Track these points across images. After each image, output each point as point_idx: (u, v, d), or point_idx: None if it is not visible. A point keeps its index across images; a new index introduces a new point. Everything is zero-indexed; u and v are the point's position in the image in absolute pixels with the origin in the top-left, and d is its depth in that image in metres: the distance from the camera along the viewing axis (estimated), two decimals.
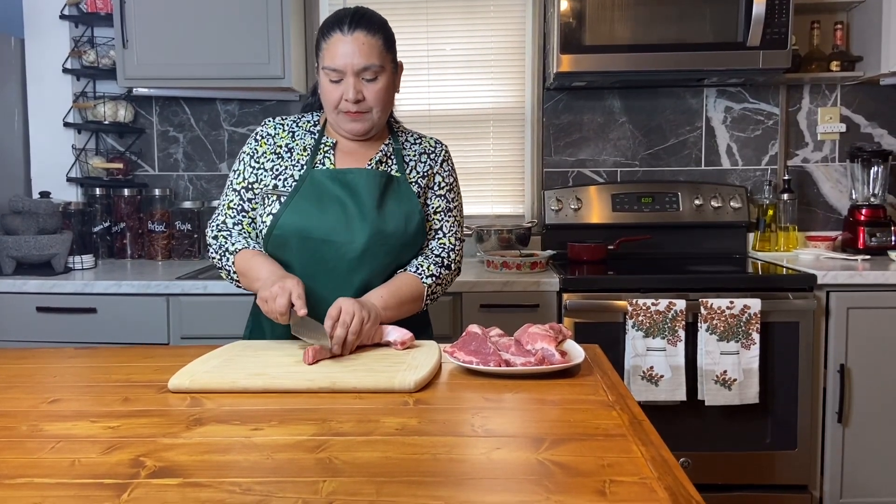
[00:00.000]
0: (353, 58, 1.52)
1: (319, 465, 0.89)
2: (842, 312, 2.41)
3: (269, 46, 2.68)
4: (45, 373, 1.35)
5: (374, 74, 1.55)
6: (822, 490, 2.47)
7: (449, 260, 1.66)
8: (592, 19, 2.61)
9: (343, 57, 1.52)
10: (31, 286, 2.46)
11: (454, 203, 1.70)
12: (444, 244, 1.66)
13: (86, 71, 2.96)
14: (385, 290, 1.54)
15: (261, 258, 1.56)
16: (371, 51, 1.53)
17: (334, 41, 1.53)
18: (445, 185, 1.68)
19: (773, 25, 2.57)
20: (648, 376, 2.33)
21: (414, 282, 1.59)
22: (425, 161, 1.67)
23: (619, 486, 0.82)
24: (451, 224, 1.68)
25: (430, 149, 1.69)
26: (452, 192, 1.70)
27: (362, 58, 1.52)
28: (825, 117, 3.03)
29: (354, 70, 1.53)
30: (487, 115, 3.11)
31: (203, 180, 3.13)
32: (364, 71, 1.53)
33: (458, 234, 1.69)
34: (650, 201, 2.96)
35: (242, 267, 1.57)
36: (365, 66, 1.53)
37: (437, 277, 1.62)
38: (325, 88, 1.57)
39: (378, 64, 1.55)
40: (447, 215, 1.68)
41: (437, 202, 1.67)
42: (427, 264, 1.62)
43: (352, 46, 1.52)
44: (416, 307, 1.61)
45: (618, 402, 1.12)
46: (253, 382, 1.21)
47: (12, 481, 0.85)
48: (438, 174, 1.68)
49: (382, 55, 1.56)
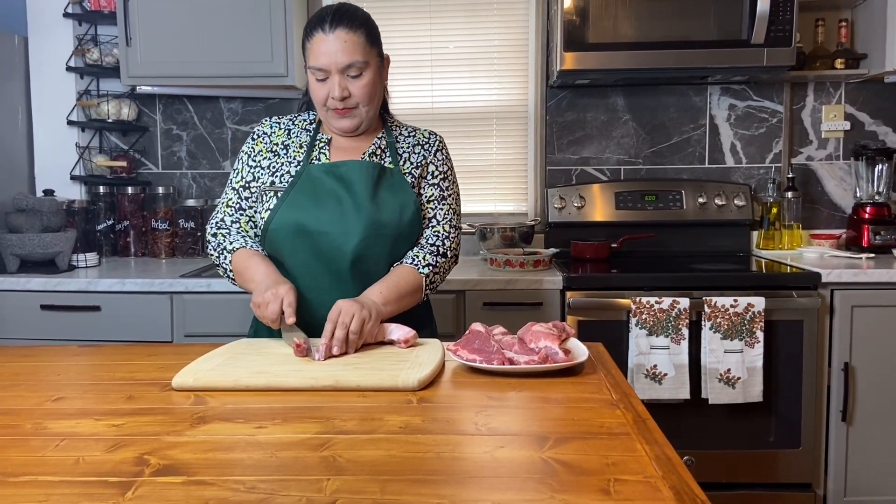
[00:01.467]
0: (335, 56, 1.53)
1: (323, 463, 0.89)
2: (846, 311, 2.40)
3: (272, 44, 2.68)
4: (49, 371, 1.36)
5: (359, 71, 1.55)
6: (825, 488, 2.47)
7: (444, 248, 1.65)
8: (596, 17, 2.61)
9: (326, 56, 1.53)
10: (34, 284, 2.47)
11: (448, 191, 1.68)
12: (438, 232, 1.65)
13: (89, 69, 2.96)
14: (383, 286, 1.54)
15: (257, 259, 1.57)
16: (354, 48, 1.54)
17: (317, 41, 1.54)
18: (439, 174, 1.68)
19: (778, 23, 2.56)
20: (652, 375, 2.33)
21: (411, 274, 1.58)
22: (419, 152, 1.67)
23: (624, 484, 0.82)
24: (445, 212, 1.67)
25: (424, 140, 1.69)
26: (447, 181, 1.69)
27: (345, 56, 1.53)
28: (829, 115, 3.02)
29: (338, 68, 1.53)
30: (490, 112, 3.11)
31: (206, 178, 3.14)
32: (348, 68, 1.54)
33: (453, 222, 1.68)
34: (654, 199, 2.95)
35: (239, 266, 1.59)
36: (348, 63, 1.54)
37: (433, 266, 1.62)
38: (312, 87, 1.59)
39: (362, 60, 1.55)
40: (441, 203, 1.67)
41: (430, 191, 1.66)
42: (423, 254, 1.61)
43: (334, 45, 1.53)
44: (416, 299, 1.60)
45: (621, 401, 1.12)
46: (256, 381, 1.21)
47: (17, 479, 0.86)
48: (432, 163, 1.67)
49: (366, 51, 1.56)
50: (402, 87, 3.06)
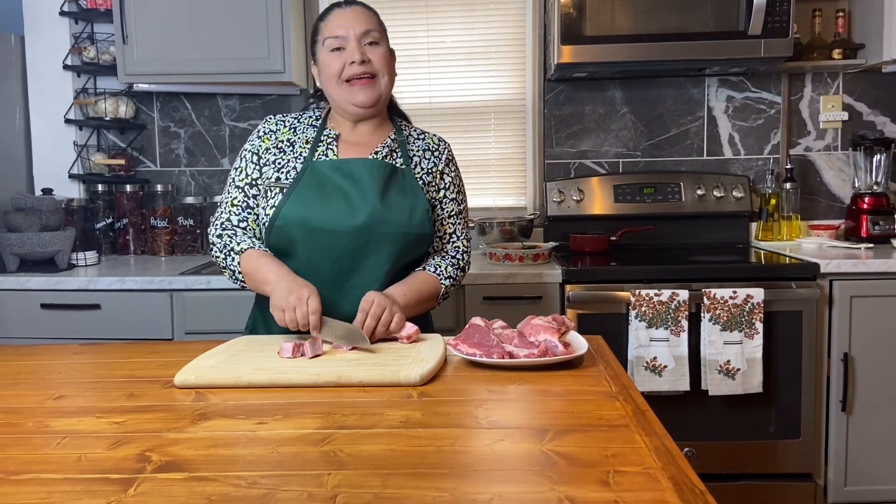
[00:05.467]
0: (353, 22, 1.58)
1: (324, 458, 0.89)
2: (845, 301, 2.41)
3: (268, 41, 2.68)
4: (50, 369, 1.36)
5: (376, 39, 1.59)
6: (826, 479, 2.48)
7: (464, 262, 1.71)
8: (593, 9, 2.60)
9: (343, 25, 1.58)
10: (34, 283, 2.47)
11: (462, 205, 1.74)
12: (458, 247, 1.71)
13: (86, 67, 2.96)
14: (406, 288, 1.56)
15: (267, 259, 1.55)
16: (370, 19, 1.60)
17: (334, 15, 1.60)
18: (454, 188, 1.71)
19: (775, 14, 2.56)
20: (652, 367, 2.33)
21: (434, 282, 1.62)
22: (430, 158, 1.68)
23: (623, 476, 0.82)
24: (462, 226, 1.72)
25: (434, 146, 1.70)
26: (461, 194, 1.74)
27: (363, 23, 1.58)
28: (827, 105, 3.02)
29: (357, 34, 1.57)
30: (488, 107, 3.11)
31: (205, 175, 3.13)
32: (365, 35, 1.58)
33: (468, 235, 1.75)
34: (652, 192, 2.95)
35: (249, 268, 1.56)
36: (366, 29, 1.58)
37: (453, 279, 1.67)
38: (326, 63, 1.59)
39: (378, 32, 1.60)
40: (458, 218, 1.71)
41: (450, 206, 1.69)
42: (445, 265, 1.66)
43: (351, 15, 1.58)
44: (429, 307, 1.65)
45: (621, 393, 1.12)
46: (259, 377, 1.21)
47: (19, 477, 0.86)
48: (447, 174, 1.69)
49: (380, 28, 1.62)
50: (400, 83, 2.99)
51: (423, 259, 1.68)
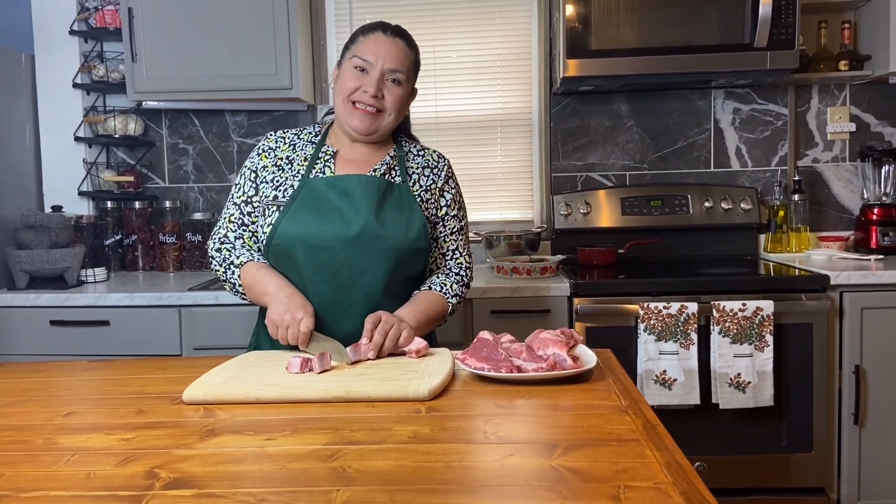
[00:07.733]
0: (388, 55, 1.58)
1: (333, 474, 0.89)
2: (856, 313, 2.39)
3: (276, 58, 2.70)
4: (60, 386, 1.36)
5: (399, 81, 1.60)
6: (839, 492, 2.45)
7: (467, 278, 1.73)
8: (598, 23, 2.61)
9: (378, 53, 1.58)
10: (44, 300, 2.48)
11: (463, 221, 1.75)
12: (461, 263, 1.72)
13: (96, 85, 2.98)
14: (416, 309, 1.57)
15: (266, 271, 1.57)
16: (404, 59, 1.61)
17: (374, 38, 1.60)
18: (455, 205, 1.72)
19: (780, 26, 2.56)
20: (661, 380, 2.32)
21: (441, 301, 1.63)
22: (428, 175, 1.69)
23: (634, 491, 0.81)
24: (463, 243, 1.74)
25: (434, 163, 1.71)
26: (462, 210, 1.75)
27: (395, 60, 1.59)
28: (835, 117, 3.01)
29: (384, 68, 1.58)
30: (495, 120, 3.12)
31: (213, 191, 3.15)
32: (392, 73, 1.59)
33: (469, 250, 1.76)
34: (660, 204, 2.95)
35: (248, 280, 1.58)
36: (395, 68, 1.59)
37: (459, 297, 1.68)
38: (345, 75, 1.60)
39: (405, 74, 1.61)
40: (460, 234, 1.73)
41: (452, 223, 1.70)
42: (450, 283, 1.67)
43: (391, 47, 1.59)
44: (436, 325, 1.66)
45: (631, 407, 1.12)
46: (267, 393, 1.21)
47: (28, 494, 0.86)
48: (447, 191, 1.70)
49: (409, 70, 1.63)
50: None
51: (422, 274, 1.69)
